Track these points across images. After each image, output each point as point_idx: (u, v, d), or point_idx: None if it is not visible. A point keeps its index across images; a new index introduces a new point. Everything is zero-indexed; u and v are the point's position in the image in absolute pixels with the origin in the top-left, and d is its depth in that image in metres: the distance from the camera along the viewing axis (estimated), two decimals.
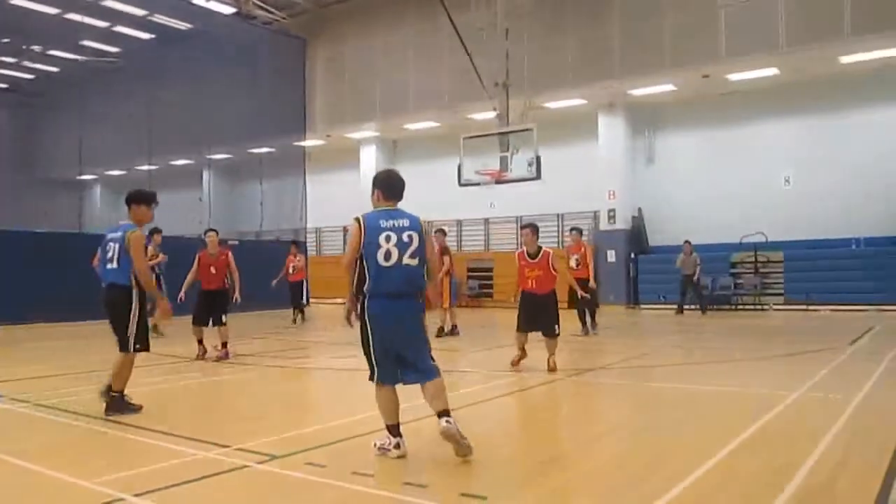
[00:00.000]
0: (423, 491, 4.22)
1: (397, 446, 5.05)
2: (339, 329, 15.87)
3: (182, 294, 10.82)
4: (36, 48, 28.59)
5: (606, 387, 8.49)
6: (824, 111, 20.69)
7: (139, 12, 24.78)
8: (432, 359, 5.12)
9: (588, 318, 14.00)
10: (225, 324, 10.73)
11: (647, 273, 22.51)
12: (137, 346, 6.59)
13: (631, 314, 20.92)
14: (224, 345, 10.70)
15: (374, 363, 5.06)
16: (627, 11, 20.53)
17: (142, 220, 6.95)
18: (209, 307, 10.79)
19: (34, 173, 33.03)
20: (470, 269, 25.74)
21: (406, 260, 4.97)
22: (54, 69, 31.34)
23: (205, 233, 11.61)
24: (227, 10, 23.56)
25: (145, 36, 26.90)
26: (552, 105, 22.48)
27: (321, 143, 28.48)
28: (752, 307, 20.52)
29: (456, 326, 14.26)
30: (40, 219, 24.69)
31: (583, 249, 13.94)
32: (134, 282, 6.52)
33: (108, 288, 6.62)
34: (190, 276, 10.94)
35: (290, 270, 18.08)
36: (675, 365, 10.35)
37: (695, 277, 19.51)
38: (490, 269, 25.19)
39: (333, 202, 29.43)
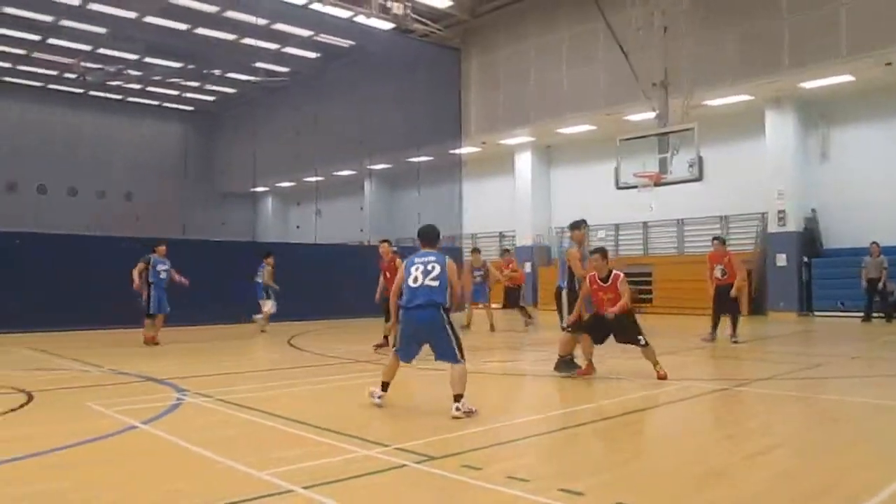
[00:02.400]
0: (579, 498, 4.16)
1: (380, 397, 7.26)
2: (492, 334, 15.98)
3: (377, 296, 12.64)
4: (216, 72, 30.99)
5: (774, 398, 7.97)
6: None
7: (306, 33, 26.25)
8: (458, 350, 7.02)
9: (730, 327, 13.30)
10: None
11: (822, 278, 20.94)
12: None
13: (803, 322, 19.56)
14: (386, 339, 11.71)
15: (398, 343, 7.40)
16: None
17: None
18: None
19: (213, 187, 35.81)
20: (628, 275, 25.03)
21: (428, 281, 7.06)
22: (231, 90, 33.90)
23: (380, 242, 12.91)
24: (386, 25, 24.44)
25: (311, 55, 28.47)
26: (714, 102, 21.48)
27: (476, 150, 28.86)
28: None
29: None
30: (218, 228, 26.64)
31: (727, 258, 13.42)
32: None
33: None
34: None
35: (503, 277, 17.90)
36: (854, 377, 9.56)
37: (881, 282, 18.01)
38: (649, 275, 24.42)
39: (489, 208, 29.74)
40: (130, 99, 33.10)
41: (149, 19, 24.51)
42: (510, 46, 26.41)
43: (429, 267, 7.15)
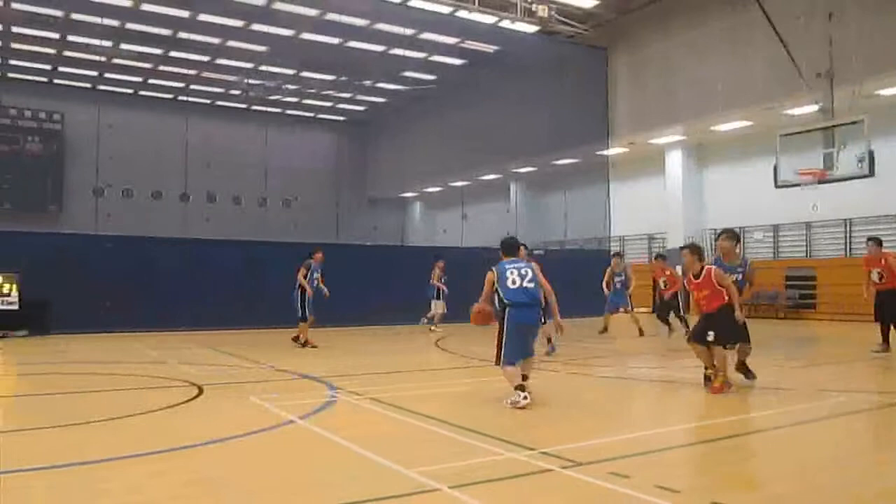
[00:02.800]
0: None
1: (525, 398, 7.31)
2: (645, 339, 15.52)
3: None
4: (366, 83, 32.13)
5: None
6: None
7: (451, 40, 26.67)
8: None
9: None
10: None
11: None
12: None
13: None
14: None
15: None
16: None
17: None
18: None
19: (365, 193, 37.14)
20: (788, 279, 23.63)
21: (527, 284, 7.78)
22: (381, 99, 35.03)
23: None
24: (531, 28, 24.39)
25: (457, 62, 28.88)
26: (886, 92, 19.79)
27: (624, 150, 28.17)
28: None
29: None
30: (370, 233, 27.59)
31: (884, 260, 12.18)
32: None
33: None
34: None
35: (663, 285, 17.18)
36: None
37: None
38: (812, 278, 22.87)
39: (638, 210, 28.93)
40: (288, 112, 34.97)
41: (304, 35, 25.80)
42: (659, 43, 25.58)
43: (522, 272, 7.86)
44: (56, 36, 26.08)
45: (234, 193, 32.33)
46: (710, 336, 8.33)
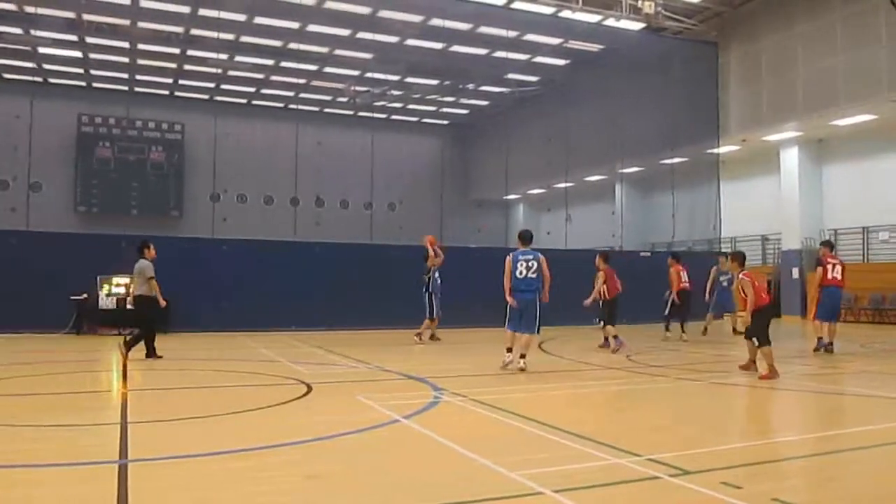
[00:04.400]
0: None
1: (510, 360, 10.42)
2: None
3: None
4: (470, 86, 32.31)
5: None
6: None
7: (555, 41, 26.43)
8: (537, 325, 10.32)
9: None
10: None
11: None
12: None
13: None
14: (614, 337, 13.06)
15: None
16: None
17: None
18: None
19: (469, 195, 37.34)
20: None
21: (529, 274, 10.25)
22: (484, 102, 35.13)
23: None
24: (637, 25, 23.87)
25: (561, 62, 28.60)
26: None
27: (736, 148, 27.09)
28: None
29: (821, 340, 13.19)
30: (474, 235, 27.71)
31: None
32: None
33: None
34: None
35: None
36: None
37: None
38: None
39: (750, 209, 27.78)
40: (394, 117, 35.60)
41: (409, 42, 26.20)
42: (774, 35, 24.46)
43: (529, 263, 10.26)
44: (177, 51, 27.57)
45: (341, 197, 33.26)
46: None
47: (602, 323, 13.67)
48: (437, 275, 15.23)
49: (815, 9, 22.93)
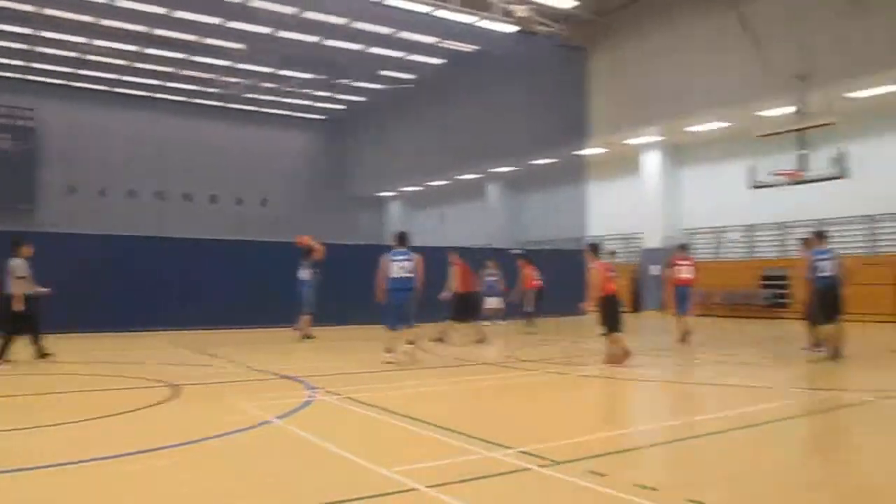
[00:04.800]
0: None
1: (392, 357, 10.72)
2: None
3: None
4: (345, 81, 32.05)
5: None
6: None
7: (430, 40, 26.66)
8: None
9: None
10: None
11: None
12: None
13: None
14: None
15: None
16: None
17: None
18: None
19: (343, 192, 37.03)
20: (764, 278, 23.90)
21: (404, 274, 10.62)
22: (360, 98, 34.95)
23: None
24: (510, 28, 24.47)
25: (436, 61, 28.88)
26: (859, 94, 20.08)
27: (602, 151, 28.34)
28: None
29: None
30: (347, 232, 27.52)
31: None
32: None
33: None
34: None
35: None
36: None
37: None
38: (784, 278, 23.15)
39: (615, 210, 29.12)
40: (265, 110, 34.77)
41: (282, 33, 25.66)
42: (637, 44, 25.76)
43: (403, 263, 10.63)
44: (28, 31, 25.72)
45: (210, 192, 32.13)
46: None
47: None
48: (312, 271, 15.08)
49: (674, 21, 24.32)
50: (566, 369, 10.92)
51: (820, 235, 11.86)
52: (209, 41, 26.50)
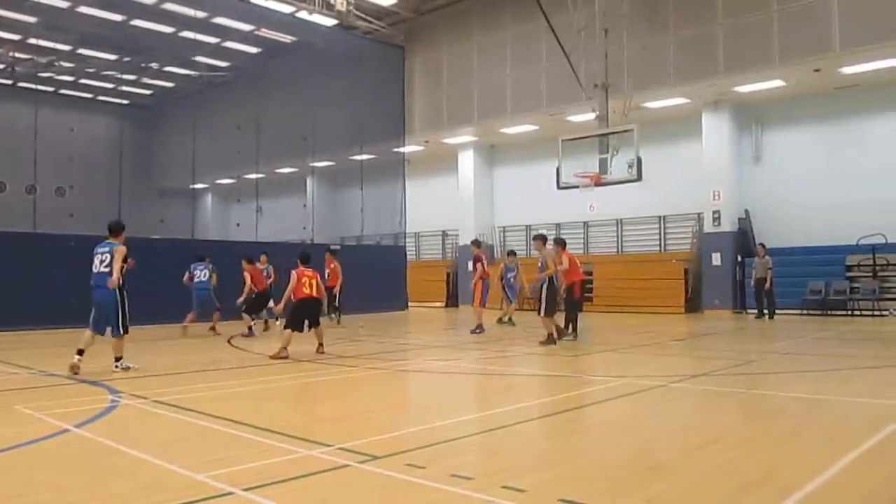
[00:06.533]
0: (521, 495, 4.19)
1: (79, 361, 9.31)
2: (435, 332, 16.01)
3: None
4: (153, 65, 30.20)
5: (713, 394, 8.18)
6: None
7: (246, 27, 25.80)
8: (124, 325, 9.49)
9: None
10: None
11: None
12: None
13: (738, 319, 20.13)
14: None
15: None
16: (732, 4, 19.74)
17: None
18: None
19: (151, 183, 34.94)
20: None
21: (101, 268, 9.40)
22: (169, 84, 33.10)
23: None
24: (329, 22, 24.22)
25: (253, 50, 27.98)
26: (653, 105, 21.97)
27: (420, 149, 28.85)
28: (869, 313, 19.40)
29: (481, 326, 15.85)
30: (157, 226, 26.02)
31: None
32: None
33: None
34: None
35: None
36: (786, 373, 9.89)
37: (767, 282, 19.14)
38: (590, 273, 24.78)
39: (432, 207, 29.77)
40: (62, 91, 31.99)
41: (82, 9, 23.74)
42: (454, 45, 26.48)
43: (103, 256, 9.45)
44: None
45: None
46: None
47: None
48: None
49: (489, 25, 25.25)
50: (387, 364, 11.01)
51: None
52: None
